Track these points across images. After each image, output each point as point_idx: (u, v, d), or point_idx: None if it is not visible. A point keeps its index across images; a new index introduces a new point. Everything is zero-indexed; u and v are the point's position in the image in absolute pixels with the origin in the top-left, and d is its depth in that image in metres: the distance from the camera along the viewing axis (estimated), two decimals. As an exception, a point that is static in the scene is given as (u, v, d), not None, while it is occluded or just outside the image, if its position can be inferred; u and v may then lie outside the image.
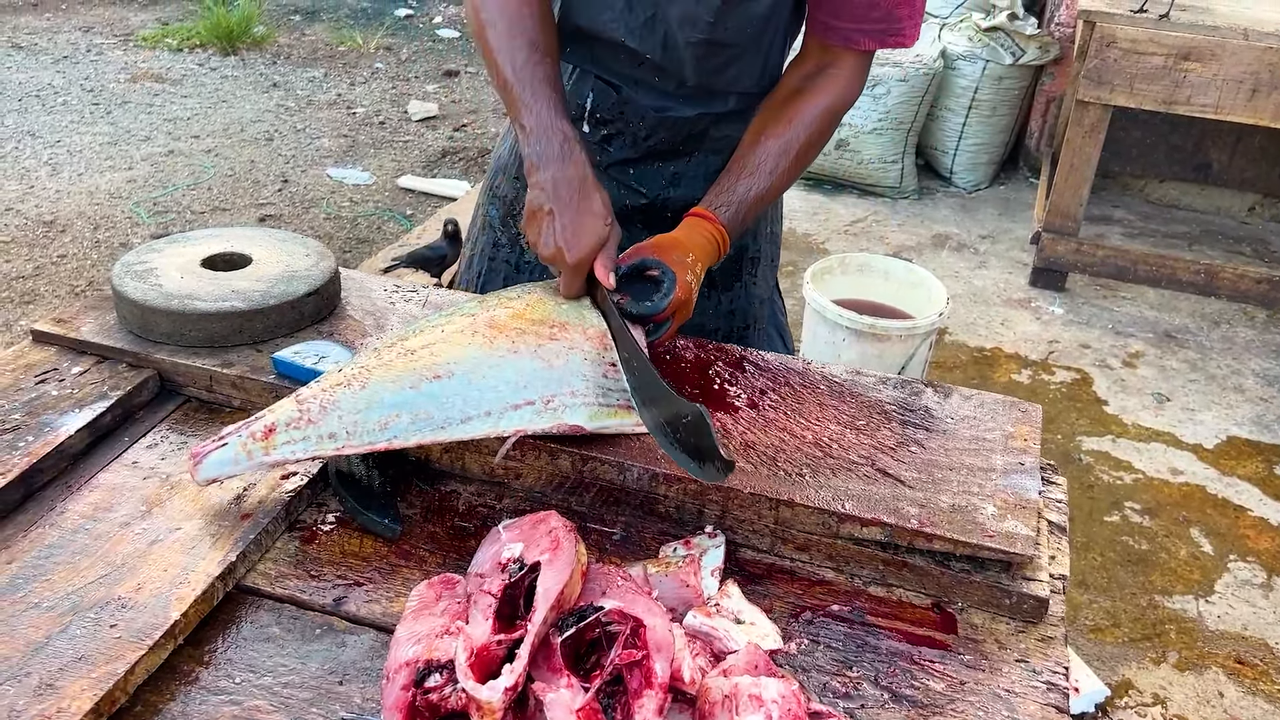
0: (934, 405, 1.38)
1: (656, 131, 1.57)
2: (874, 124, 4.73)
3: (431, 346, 1.25)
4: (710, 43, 1.47)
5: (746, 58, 1.51)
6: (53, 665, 0.96)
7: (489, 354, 1.25)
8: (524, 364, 1.25)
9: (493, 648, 0.96)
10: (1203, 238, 4.70)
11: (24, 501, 1.18)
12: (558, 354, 1.28)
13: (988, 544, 1.13)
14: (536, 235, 1.33)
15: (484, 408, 1.21)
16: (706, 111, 1.56)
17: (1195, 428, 3.37)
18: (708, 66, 1.50)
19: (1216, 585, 2.71)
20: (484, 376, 1.23)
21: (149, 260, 1.48)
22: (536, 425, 1.22)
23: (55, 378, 1.35)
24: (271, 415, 1.17)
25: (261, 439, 1.15)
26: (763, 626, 1.09)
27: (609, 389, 1.27)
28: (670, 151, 1.60)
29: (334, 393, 1.19)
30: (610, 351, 1.31)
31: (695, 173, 1.61)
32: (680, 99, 1.55)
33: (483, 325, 1.29)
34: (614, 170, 1.62)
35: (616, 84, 1.56)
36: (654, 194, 1.63)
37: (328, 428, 1.16)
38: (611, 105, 1.57)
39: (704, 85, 1.53)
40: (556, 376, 1.25)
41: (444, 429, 1.19)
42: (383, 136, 5.47)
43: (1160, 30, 3.63)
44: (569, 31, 1.54)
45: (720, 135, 1.59)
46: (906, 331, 3.07)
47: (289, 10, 7.55)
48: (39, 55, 6.34)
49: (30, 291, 3.84)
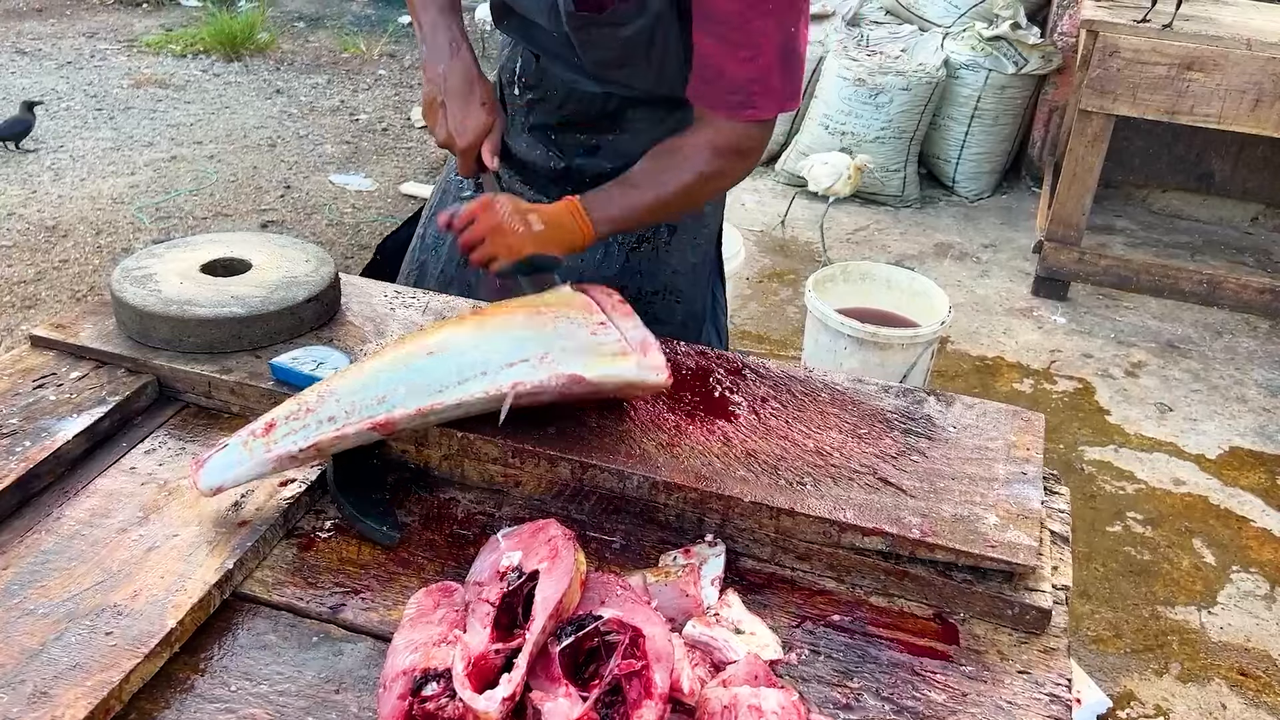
0: (936, 414, 1.38)
1: (568, 102, 1.66)
2: (876, 133, 4.73)
3: (423, 332, 1.29)
4: (585, 43, 1.52)
5: (634, 67, 1.54)
6: (48, 673, 0.95)
7: (480, 331, 1.28)
8: (515, 332, 1.28)
9: (491, 656, 0.95)
10: (1205, 248, 4.69)
11: (21, 507, 1.17)
12: (545, 321, 1.30)
13: (990, 554, 1.12)
14: (433, 123, 1.51)
15: (479, 369, 1.22)
16: (614, 93, 1.62)
17: (1198, 438, 3.36)
18: (592, 59, 1.55)
19: (1219, 596, 2.70)
20: (477, 346, 1.25)
21: (148, 265, 1.48)
22: (534, 378, 1.22)
23: (54, 383, 1.35)
24: (271, 414, 1.19)
25: (262, 434, 1.16)
26: (763, 636, 1.08)
27: (601, 341, 1.28)
28: (585, 124, 1.68)
29: (331, 383, 1.21)
30: (597, 314, 1.33)
31: (611, 148, 1.68)
32: (588, 75, 1.61)
33: (472, 316, 1.33)
34: (536, 133, 1.72)
35: (537, 54, 1.65)
36: (569, 160, 1.71)
37: (326, 412, 1.18)
38: (534, 72, 1.67)
39: (599, 76, 1.59)
40: (547, 337, 1.27)
41: (441, 393, 1.20)
42: (385, 143, 5.47)
43: (1163, 40, 3.62)
44: (499, 7, 1.63)
45: (638, 118, 1.65)
46: (908, 340, 3.06)
47: (293, 17, 7.56)
48: (43, 60, 6.35)
49: (32, 296, 3.84)
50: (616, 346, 1.28)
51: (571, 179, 1.70)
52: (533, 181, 1.74)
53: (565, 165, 1.71)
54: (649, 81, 1.58)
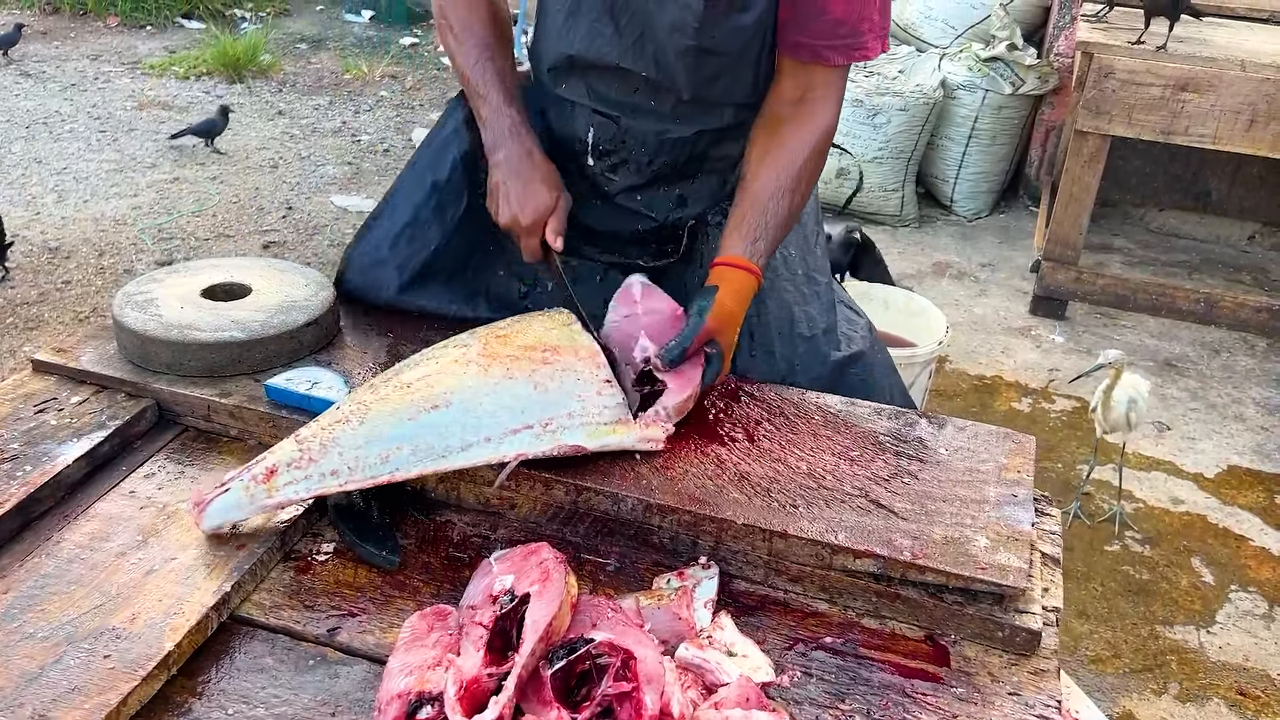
0: (928, 436, 1.39)
1: (659, 155, 1.61)
2: (874, 153, 4.76)
3: (428, 378, 1.26)
4: (700, 50, 1.50)
5: (737, 68, 1.54)
6: (46, 696, 0.96)
7: (484, 381, 1.27)
8: (519, 389, 1.27)
9: (483, 680, 0.96)
10: (1202, 266, 4.70)
11: (21, 531, 1.18)
12: (551, 377, 1.30)
13: (980, 576, 1.13)
14: (495, 207, 1.50)
15: (483, 434, 1.22)
16: (704, 129, 1.59)
17: (1196, 456, 3.36)
18: (700, 77, 1.53)
19: (1218, 615, 2.70)
20: (481, 404, 1.24)
21: (149, 290, 1.50)
22: (537, 448, 1.23)
23: (54, 407, 1.36)
24: (272, 457, 1.19)
25: (264, 481, 1.17)
26: (755, 659, 1.09)
27: (605, 406, 1.29)
28: (674, 175, 1.64)
29: (333, 430, 1.20)
30: (603, 369, 1.33)
31: (700, 193, 1.65)
32: (677, 119, 1.58)
33: (476, 355, 1.31)
34: (621, 197, 1.65)
35: (614, 115, 1.59)
36: (663, 216, 1.66)
37: (329, 465, 1.18)
38: (612, 136, 1.61)
39: (699, 98, 1.56)
40: (552, 400, 1.27)
41: (445, 458, 1.21)
42: (387, 164, 5.50)
43: (1158, 61, 3.65)
44: (562, 64, 1.58)
45: (720, 155, 1.63)
46: (906, 360, 3.07)
47: (295, 39, 7.61)
48: (47, 83, 6.40)
49: (35, 318, 3.86)
50: (619, 412, 1.29)
51: (661, 236, 1.67)
52: (614, 248, 1.68)
53: (656, 224, 1.66)
54: (747, 88, 1.57)
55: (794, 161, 1.51)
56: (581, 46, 1.55)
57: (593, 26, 1.53)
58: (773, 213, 1.48)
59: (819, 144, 1.53)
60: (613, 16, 1.51)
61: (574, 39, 1.55)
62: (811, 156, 1.53)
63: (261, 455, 1.20)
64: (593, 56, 1.55)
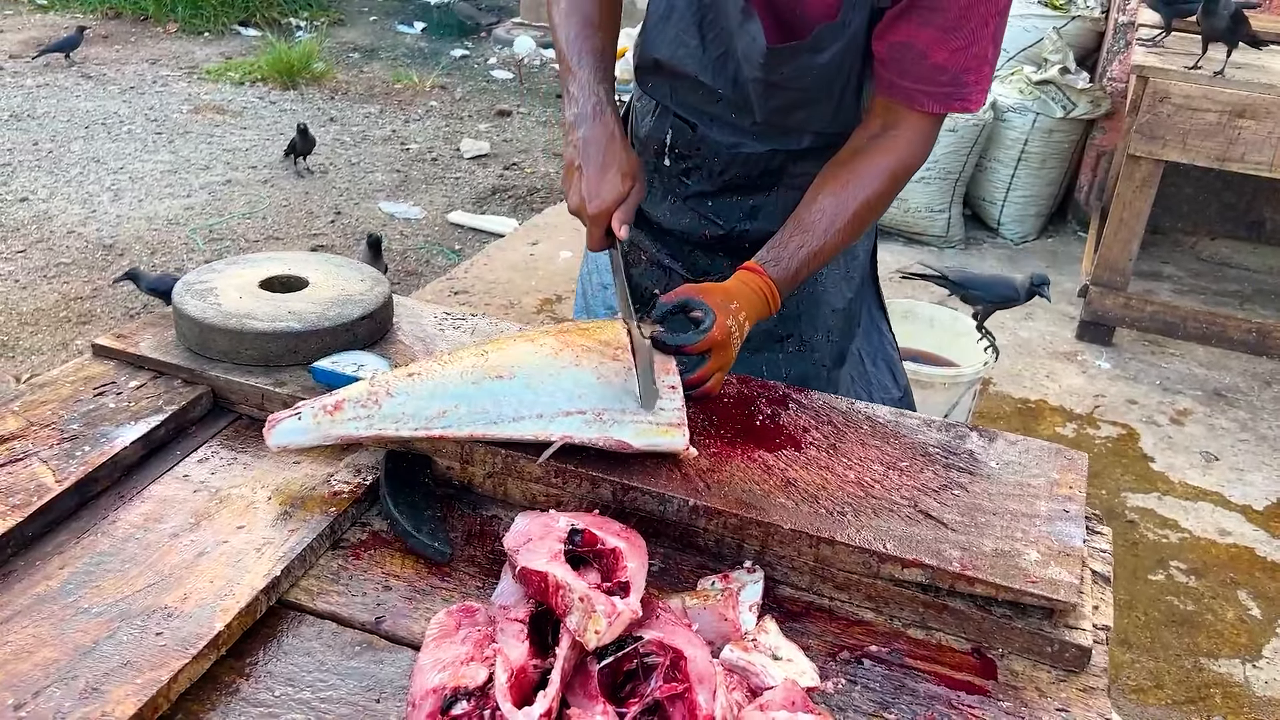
0: (978, 449, 1.37)
1: (731, 167, 1.61)
2: (921, 173, 4.73)
3: (502, 350, 1.32)
4: (768, 84, 1.49)
5: (817, 103, 1.52)
6: (99, 670, 0.98)
7: (552, 362, 1.31)
8: (583, 376, 1.30)
9: (529, 670, 0.96)
10: (1255, 296, 4.63)
11: (78, 509, 1.21)
12: (617, 373, 1.32)
13: (1030, 589, 1.12)
14: (568, 187, 1.43)
15: (537, 410, 1.26)
16: (779, 148, 1.58)
17: (1245, 488, 3.30)
18: (772, 105, 1.52)
19: (1264, 650, 2.64)
20: (543, 382, 1.28)
21: (209, 280, 1.52)
22: (584, 434, 1.25)
23: (113, 391, 1.39)
24: (344, 392, 1.26)
25: (331, 412, 1.23)
26: (800, 664, 1.08)
27: (663, 408, 1.29)
28: (747, 186, 1.63)
29: (404, 381, 1.27)
30: (671, 375, 1.35)
31: (774, 207, 1.63)
32: (753, 135, 1.58)
33: (551, 340, 1.35)
34: (692, 201, 1.67)
35: (693, 121, 1.61)
36: (730, 226, 1.66)
37: (391, 410, 1.24)
38: (688, 141, 1.62)
39: (773, 123, 1.55)
40: (613, 393, 1.29)
41: (495, 424, 1.25)
42: (435, 172, 5.56)
43: (1214, 87, 3.61)
44: (649, 65, 1.61)
45: (800, 172, 1.59)
46: (950, 380, 3.04)
47: (348, 48, 7.73)
48: (107, 85, 6.54)
49: (88, 312, 3.94)
50: (675, 417, 1.29)
51: (728, 246, 1.65)
52: (680, 253, 1.68)
53: (723, 233, 1.65)
54: (825, 120, 1.53)
55: (851, 196, 1.46)
56: (667, 53, 1.56)
57: (679, 36, 1.53)
58: (810, 242, 1.45)
59: (883, 182, 1.47)
60: (700, 30, 1.51)
61: (661, 44, 1.56)
62: (874, 193, 1.47)
63: (335, 391, 1.27)
64: (676, 65, 1.56)
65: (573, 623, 0.99)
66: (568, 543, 1.10)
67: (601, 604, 0.99)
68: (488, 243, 4.77)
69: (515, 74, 7.11)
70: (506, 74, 7.33)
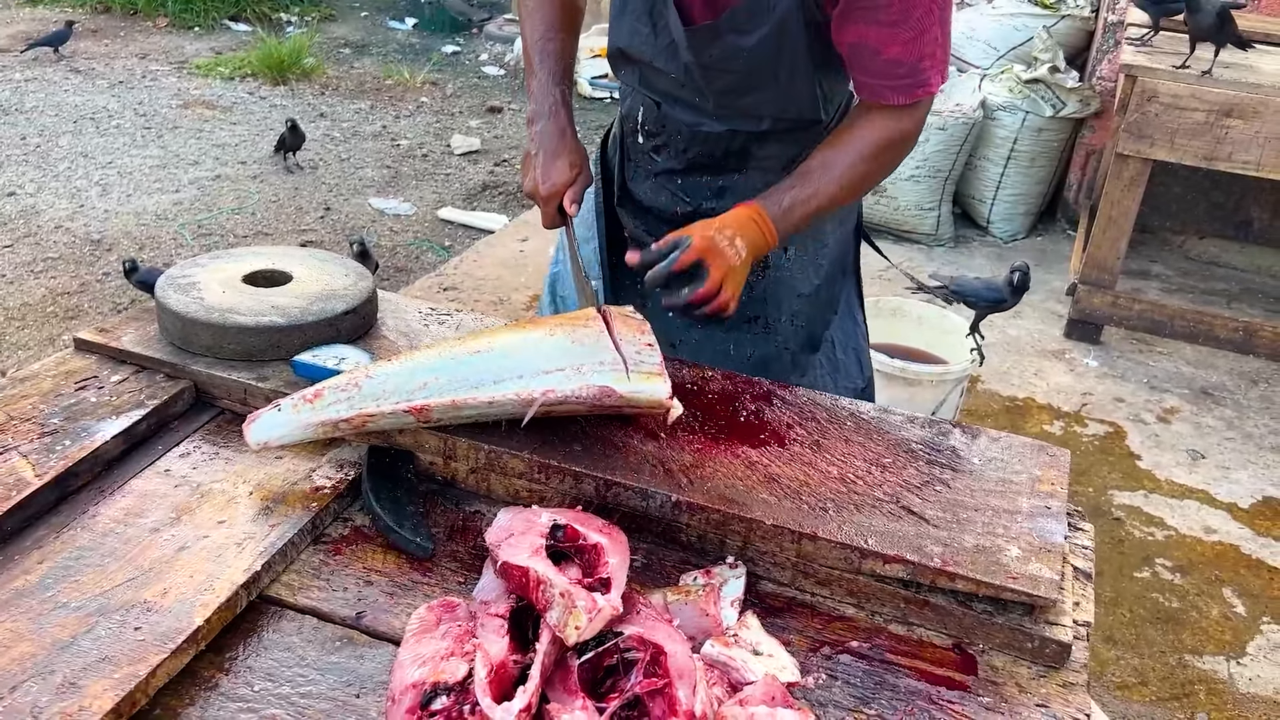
0: (961, 445, 1.38)
1: (693, 145, 1.69)
2: (911, 171, 4.74)
3: (476, 335, 1.36)
4: (703, 67, 1.55)
5: (761, 88, 1.57)
6: (77, 664, 0.98)
7: (527, 336, 1.34)
8: (559, 342, 1.33)
9: (509, 665, 0.96)
10: (1242, 295, 4.64)
11: (58, 504, 1.20)
12: (590, 334, 1.34)
13: (1011, 585, 1.12)
14: (524, 174, 1.60)
15: (516, 372, 1.28)
16: (739, 129, 1.65)
17: (1230, 486, 3.31)
18: (717, 88, 1.59)
19: (1248, 647, 2.65)
20: (521, 352, 1.31)
21: (192, 274, 1.52)
22: (565, 387, 1.26)
23: (95, 385, 1.38)
24: (323, 384, 1.26)
25: (311, 400, 1.24)
26: (780, 659, 1.08)
27: (641, 360, 1.30)
28: (713, 165, 1.70)
29: (382, 366, 1.29)
30: (647, 335, 1.37)
31: (742, 188, 1.67)
32: (712, 116, 1.64)
33: (526, 323, 1.39)
34: (662, 178, 1.74)
35: (658, 100, 1.69)
36: (697, 204, 1.72)
37: (371, 390, 1.25)
38: (655, 119, 1.71)
39: (726, 104, 1.62)
40: (588, 350, 1.31)
41: (476, 389, 1.26)
42: (425, 169, 5.55)
43: (1202, 86, 3.62)
44: (617, 54, 1.69)
45: (765, 155, 1.66)
46: (938, 377, 3.05)
47: (339, 44, 7.70)
48: (96, 79, 6.51)
49: (75, 308, 3.92)
50: (655, 368, 1.30)
51: None
52: (656, 229, 1.73)
53: (693, 209, 1.72)
54: (777, 105, 1.60)
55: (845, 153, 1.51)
56: (626, 42, 1.65)
57: (634, 25, 1.61)
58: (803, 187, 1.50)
59: (876, 150, 1.52)
60: (650, 18, 1.58)
61: (621, 34, 1.65)
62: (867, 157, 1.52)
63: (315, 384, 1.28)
64: (634, 53, 1.64)
65: (553, 618, 0.99)
66: (549, 538, 1.10)
67: (582, 599, 0.99)
68: (478, 239, 4.76)
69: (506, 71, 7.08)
70: (498, 70, 7.31)
